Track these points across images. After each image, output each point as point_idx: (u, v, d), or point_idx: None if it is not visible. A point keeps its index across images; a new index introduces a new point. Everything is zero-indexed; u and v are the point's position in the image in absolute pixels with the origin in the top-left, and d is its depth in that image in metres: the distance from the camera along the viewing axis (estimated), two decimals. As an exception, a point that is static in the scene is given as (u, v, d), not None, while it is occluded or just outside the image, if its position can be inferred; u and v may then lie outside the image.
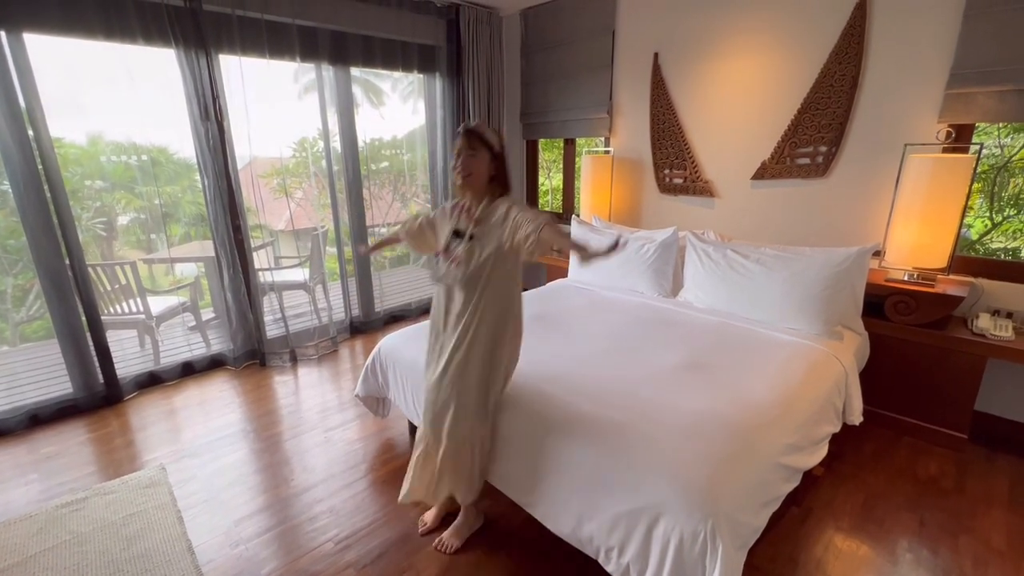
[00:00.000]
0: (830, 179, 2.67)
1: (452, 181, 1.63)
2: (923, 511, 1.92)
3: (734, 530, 1.27)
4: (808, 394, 1.80)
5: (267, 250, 4.00)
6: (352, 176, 3.64)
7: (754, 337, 2.21)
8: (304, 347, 3.46)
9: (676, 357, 2.00)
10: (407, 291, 4.51)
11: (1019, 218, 3.01)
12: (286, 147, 4.06)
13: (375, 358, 2.33)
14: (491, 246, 1.54)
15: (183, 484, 2.12)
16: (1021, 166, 3.05)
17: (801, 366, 1.94)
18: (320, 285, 3.97)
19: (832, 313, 2.21)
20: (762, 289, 2.36)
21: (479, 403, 1.63)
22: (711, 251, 2.59)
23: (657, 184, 3.40)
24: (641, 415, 1.56)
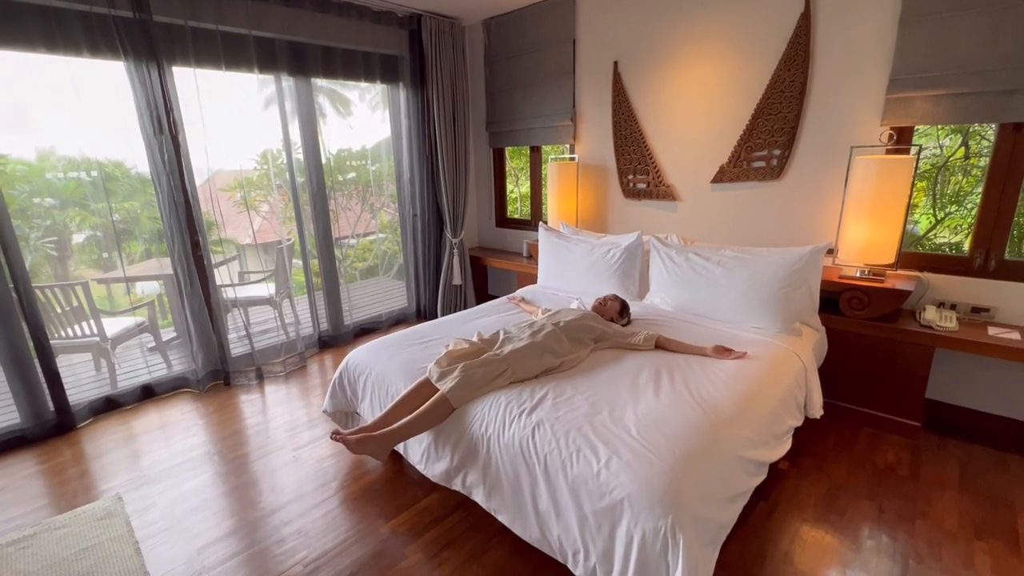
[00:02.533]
0: (784, 181, 2.77)
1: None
2: (882, 498, 1.99)
3: (698, 525, 1.29)
4: (768, 390, 1.86)
5: (229, 266, 3.90)
6: (316, 187, 3.58)
7: (717, 337, 2.26)
8: (271, 364, 3.37)
9: (641, 360, 2.03)
10: (377, 303, 4.45)
11: (959, 214, 3.18)
12: (248, 159, 3.97)
13: (342, 372, 2.29)
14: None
15: (141, 513, 2.03)
16: (959, 165, 3.22)
17: (761, 363, 2.00)
18: (287, 300, 3.89)
19: (790, 311, 2.29)
20: (723, 290, 2.42)
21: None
22: (674, 254, 2.65)
23: (622, 189, 3.46)
24: (603, 418, 1.58)
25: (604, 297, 2.49)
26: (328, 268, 3.77)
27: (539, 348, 1.99)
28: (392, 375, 2.06)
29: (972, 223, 3.17)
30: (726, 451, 1.49)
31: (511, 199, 5.04)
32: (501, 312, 2.78)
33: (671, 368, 1.95)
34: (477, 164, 4.47)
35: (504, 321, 2.58)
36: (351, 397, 2.26)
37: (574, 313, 2.27)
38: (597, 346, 2.20)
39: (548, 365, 1.96)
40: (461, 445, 1.72)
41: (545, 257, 3.28)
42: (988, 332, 2.20)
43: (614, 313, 2.42)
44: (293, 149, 3.47)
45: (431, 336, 2.38)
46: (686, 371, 1.92)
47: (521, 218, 4.43)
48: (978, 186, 3.10)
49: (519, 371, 1.90)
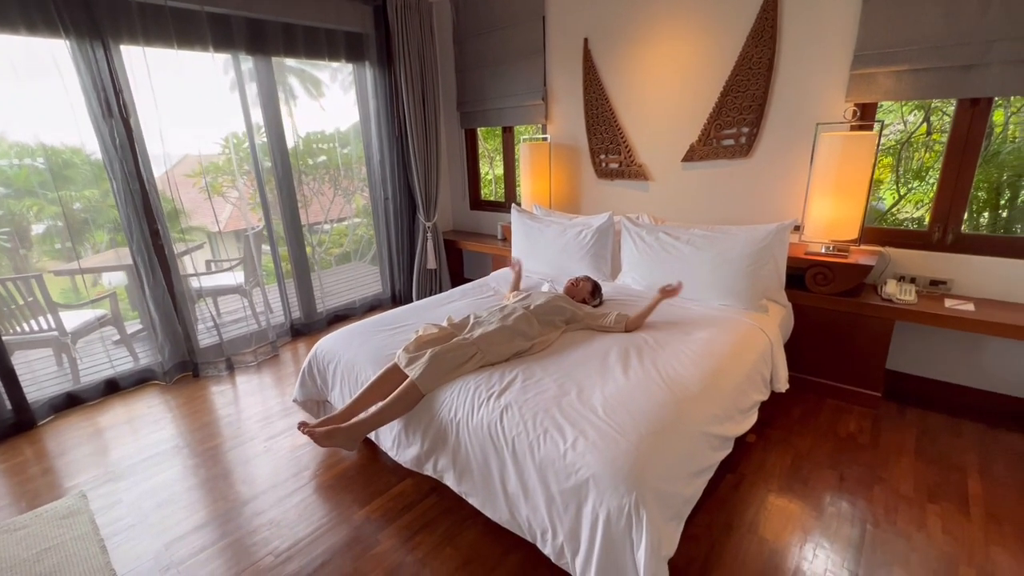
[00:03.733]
0: (753, 159, 2.78)
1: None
2: (843, 467, 2.06)
3: (662, 501, 1.32)
4: (734, 366, 1.89)
5: (194, 255, 3.78)
6: (282, 172, 3.48)
7: (686, 316, 2.29)
8: (241, 354, 3.31)
9: (611, 341, 2.04)
10: (350, 290, 4.38)
11: (920, 189, 3.26)
12: (212, 144, 3.82)
13: (312, 361, 2.26)
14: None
15: (107, 510, 1.98)
16: (922, 141, 3.29)
17: (728, 340, 2.03)
18: (257, 288, 3.80)
19: (757, 288, 2.32)
20: (693, 268, 2.44)
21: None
22: (644, 234, 2.66)
23: (594, 169, 3.44)
24: (571, 399, 1.59)
25: (576, 278, 2.49)
26: (298, 255, 3.69)
27: (509, 331, 1.99)
28: (362, 362, 2.04)
29: (929, 198, 3.26)
30: (691, 428, 1.51)
31: (485, 181, 4.98)
32: (474, 296, 2.76)
33: (640, 348, 1.97)
34: (449, 145, 4.39)
35: (476, 305, 2.56)
36: (321, 385, 2.23)
37: (545, 295, 2.26)
38: (568, 328, 2.20)
39: (519, 348, 1.96)
40: (431, 431, 1.72)
41: (518, 239, 3.26)
42: (945, 304, 2.27)
43: (586, 294, 2.42)
44: (257, 132, 3.35)
45: (402, 322, 2.35)
46: (655, 351, 1.94)
47: (496, 200, 4.38)
48: (939, 161, 3.17)
49: (489, 355, 1.89)
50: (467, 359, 1.85)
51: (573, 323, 2.22)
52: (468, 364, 1.84)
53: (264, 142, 3.38)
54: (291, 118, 3.52)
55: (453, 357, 1.83)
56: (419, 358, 1.81)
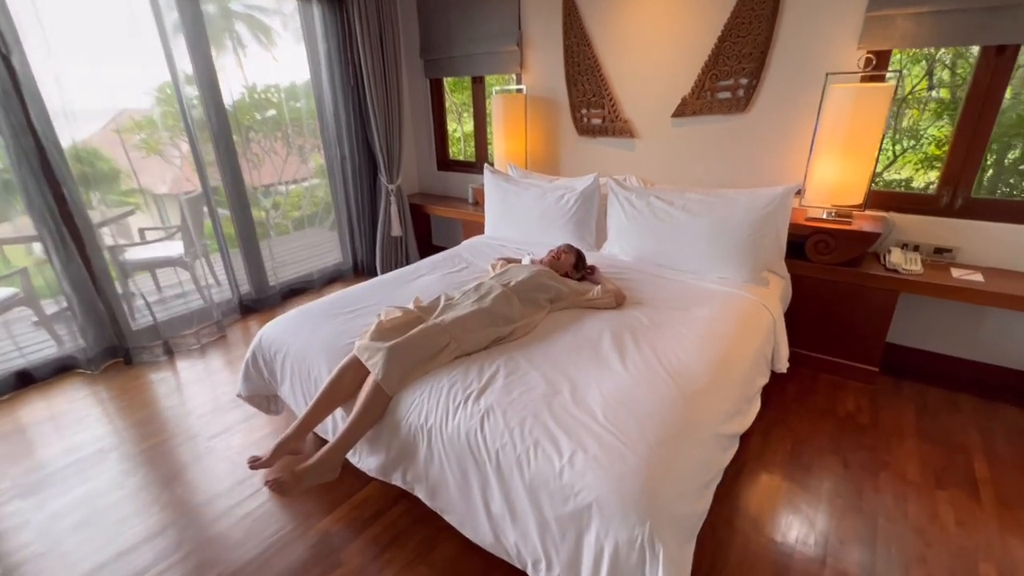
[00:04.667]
0: (751, 114, 2.52)
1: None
2: (845, 452, 1.93)
3: (677, 524, 1.11)
4: (742, 350, 1.69)
5: (121, 224, 3.30)
6: (218, 128, 3.01)
7: (683, 291, 2.07)
8: (181, 336, 2.93)
9: (601, 321, 1.80)
10: (306, 260, 3.98)
11: (913, 151, 3.10)
12: (142, 94, 3.27)
13: (256, 351, 1.94)
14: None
15: (9, 536, 1.66)
16: (922, 97, 3.09)
17: (732, 320, 1.82)
18: (203, 259, 3.37)
19: (758, 258, 2.11)
20: (688, 237, 2.21)
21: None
22: (634, 199, 2.39)
23: (575, 125, 3.12)
24: (564, 400, 1.35)
25: (557, 249, 2.22)
26: (243, 221, 3.27)
27: (487, 315, 1.72)
28: (314, 355, 1.74)
29: (921, 159, 3.10)
30: (704, 430, 1.30)
31: (454, 139, 4.58)
32: (444, 269, 2.46)
33: (635, 330, 1.74)
34: (413, 98, 3.95)
35: (449, 280, 2.27)
36: (269, 379, 1.92)
37: (525, 271, 1.99)
38: (553, 307, 1.95)
39: (498, 334, 1.70)
40: (397, 438, 1.46)
41: (492, 204, 2.94)
42: (952, 274, 2.12)
43: (569, 267, 2.16)
44: (189, 83, 2.85)
45: (361, 303, 2.04)
46: (653, 333, 1.72)
47: (466, 160, 4.01)
48: (938, 120, 2.99)
49: (464, 343, 1.62)
50: (439, 350, 1.58)
51: (558, 301, 1.96)
52: (441, 356, 1.57)
53: (197, 94, 2.89)
54: (241, 69, 3.12)
55: (422, 348, 1.55)
56: (382, 351, 1.53)
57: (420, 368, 1.54)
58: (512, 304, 1.80)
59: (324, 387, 1.59)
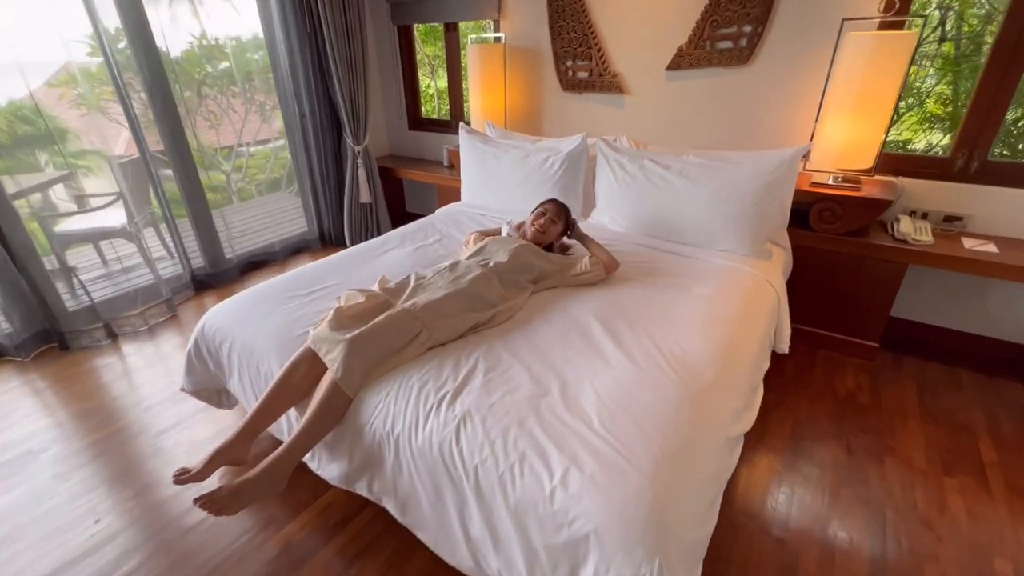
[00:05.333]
0: (754, 66, 2.28)
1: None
2: (848, 435, 1.81)
3: (687, 553, 0.96)
4: (748, 334, 1.52)
5: (55, 190, 2.93)
6: (152, 81, 2.63)
7: (680, 266, 1.88)
8: (125, 317, 2.65)
9: (591, 304, 1.60)
10: (266, 228, 3.65)
11: (915, 110, 2.91)
12: (75, 45, 2.82)
13: (199, 340, 1.69)
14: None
15: (-87, 561, 1.44)
16: (930, 50, 2.88)
17: (735, 299, 1.65)
18: (150, 229, 3.03)
19: (762, 228, 1.93)
20: (686, 205, 2.00)
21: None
22: (626, 162, 2.16)
23: (559, 79, 2.83)
24: (553, 401, 1.16)
25: (541, 207, 1.95)
26: (189, 188, 2.93)
27: (464, 297, 1.50)
28: (263, 347, 1.50)
29: (921, 118, 2.92)
30: (713, 435, 1.14)
31: (427, 95, 4.21)
32: (416, 241, 2.21)
33: (629, 313, 1.55)
34: (379, 48, 3.57)
35: (420, 256, 2.03)
36: (216, 371, 1.69)
37: (505, 248, 1.76)
38: (537, 287, 1.74)
39: (476, 320, 1.49)
40: (360, 445, 1.26)
41: (469, 168, 2.67)
42: (964, 245, 1.98)
43: (555, 237, 1.93)
44: (122, 33, 2.45)
45: (320, 283, 1.80)
46: (648, 316, 1.53)
47: (440, 119, 3.68)
48: (944, 77, 2.79)
49: (438, 332, 1.41)
50: (408, 340, 1.37)
51: (544, 280, 1.76)
52: (411, 347, 1.36)
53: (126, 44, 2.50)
54: (197, 19, 2.80)
55: (388, 339, 1.34)
56: (341, 343, 1.31)
57: (386, 363, 1.33)
58: (492, 286, 1.59)
59: (272, 385, 1.37)
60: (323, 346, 1.34)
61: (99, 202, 3.10)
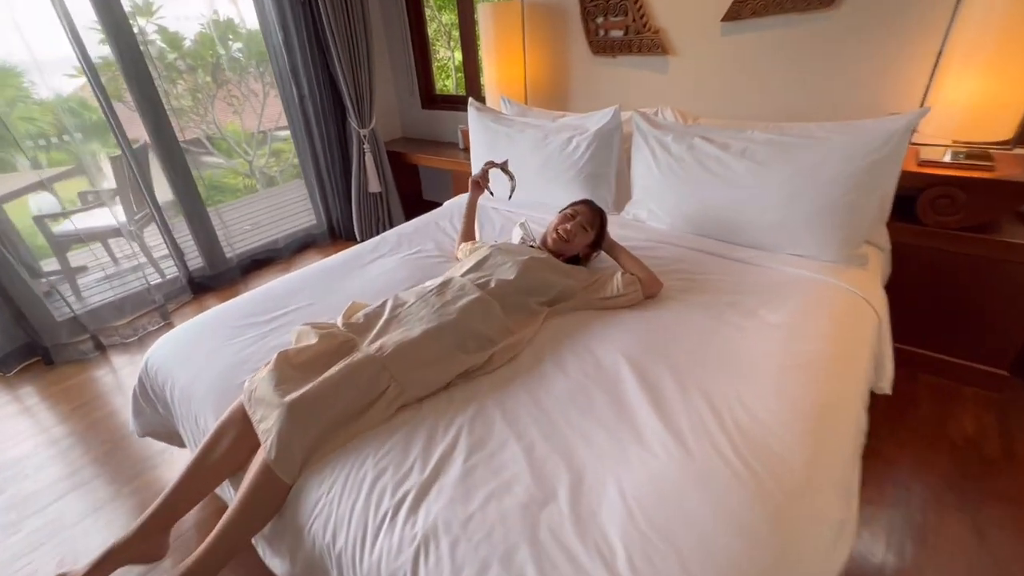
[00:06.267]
0: (842, 8, 1.75)
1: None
2: (975, 506, 1.35)
3: None
4: (847, 387, 1.08)
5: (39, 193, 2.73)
6: (129, 63, 2.35)
7: (743, 279, 1.43)
8: (113, 327, 2.44)
9: (621, 340, 1.20)
10: (269, 224, 3.37)
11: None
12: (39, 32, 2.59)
13: (143, 379, 1.40)
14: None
15: None
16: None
17: (824, 330, 1.20)
18: (153, 225, 2.80)
19: (858, 226, 1.44)
20: (751, 197, 1.53)
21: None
22: (670, 141, 1.70)
23: (588, 41, 2.36)
24: (557, 514, 0.78)
25: (571, 208, 1.54)
26: (180, 182, 2.67)
27: (451, 335, 1.13)
28: (201, 395, 1.19)
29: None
30: (808, 568, 0.73)
31: (442, 68, 3.80)
32: (415, 245, 1.85)
33: (672, 353, 1.13)
34: (386, 17, 3.18)
35: (414, 267, 1.66)
36: (165, 414, 1.40)
37: (516, 257, 1.37)
38: (553, 310, 1.35)
39: (466, 366, 1.12)
40: (301, 550, 0.93)
41: (479, 151, 2.27)
42: None
43: (583, 246, 1.53)
44: None
45: (285, 305, 1.47)
46: (699, 358, 1.11)
47: (457, 95, 3.28)
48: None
49: (412, 386, 1.05)
50: (371, 400, 1.02)
51: (562, 302, 1.36)
52: (374, 410, 1.01)
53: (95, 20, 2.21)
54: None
55: (342, 402, 0.99)
56: (279, 408, 0.97)
57: (339, 433, 0.98)
58: (491, 315, 1.21)
59: (193, 457, 1.06)
60: (258, 409, 1.01)
61: (85, 203, 2.89)
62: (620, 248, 1.48)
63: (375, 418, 1.01)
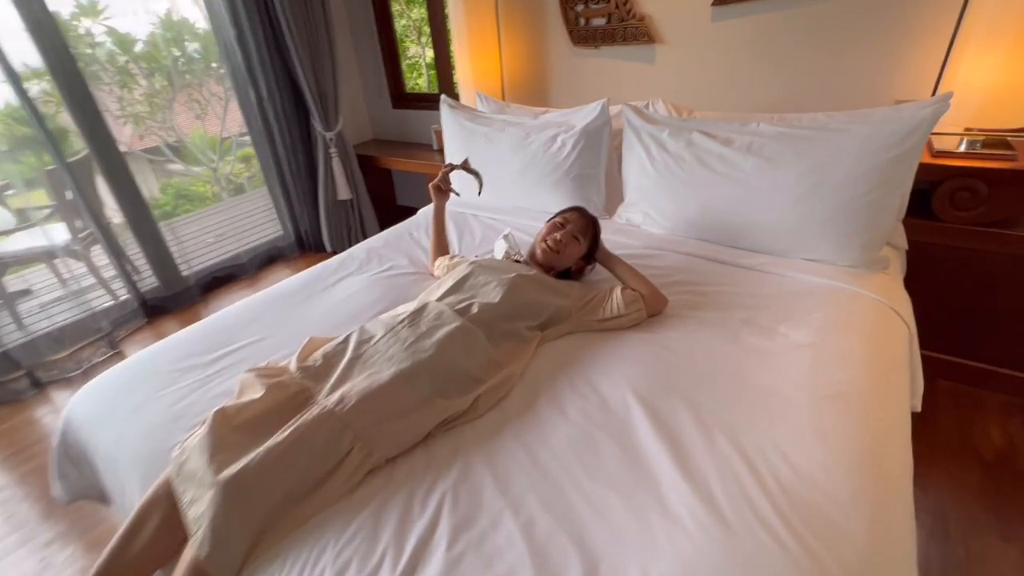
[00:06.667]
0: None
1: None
2: (1017, 534, 1.22)
3: None
4: (893, 422, 0.93)
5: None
6: (58, 66, 2.10)
7: (756, 289, 1.28)
8: (52, 361, 2.19)
9: (627, 368, 1.03)
10: (233, 236, 3.13)
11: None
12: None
13: (64, 436, 1.18)
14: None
15: None
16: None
17: (858, 349, 1.05)
18: (99, 246, 2.53)
19: (880, 227, 1.30)
20: (761, 197, 1.38)
21: None
22: (666, 137, 1.53)
23: (568, 31, 2.18)
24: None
25: (560, 216, 1.38)
26: (125, 195, 2.42)
27: (426, 376, 0.95)
28: (127, 462, 0.99)
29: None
30: None
31: (413, 67, 3.59)
32: (386, 262, 1.65)
33: (686, 384, 0.97)
34: (350, 12, 2.96)
35: (385, 288, 1.46)
36: (91, 477, 1.18)
37: (499, 276, 1.19)
38: (547, 335, 1.17)
39: (447, 413, 0.94)
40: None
41: (455, 152, 2.08)
42: None
43: (574, 258, 1.36)
44: None
45: (233, 340, 1.26)
46: (719, 391, 0.95)
47: (430, 93, 3.07)
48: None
49: (380, 445, 0.87)
50: (329, 469, 0.83)
51: (555, 326, 1.19)
52: (333, 480, 0.82)
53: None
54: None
55: (293, 472, 0.80)
56: (211, 490, 0.77)
57: (290, 516, 0.79)
58: (475, 347, 1.02)
59: (110, 546, 0.85)
60: (188, 488, 0.81)
61: (23, 221, 2.60)
62: (617, 259, 1.31)
63: (336, 490, 0.82)
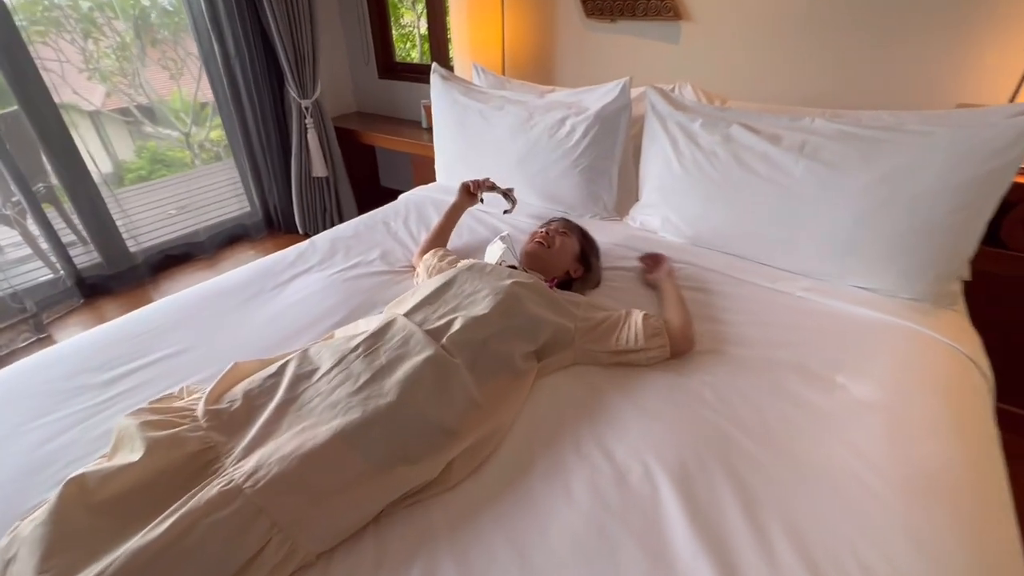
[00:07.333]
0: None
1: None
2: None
3: None
4: (999, 519, 0.70)
5: None
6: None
7: (799, 324, 1.04)
8: (-39, 346, 1.88)
9: (647, 434, 0.78)
10: (191, 211, 2.79)
11: None
12: None
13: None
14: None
15: None
16: None
17: (940, 418, 0.82)
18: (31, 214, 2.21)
19: (959, 255, 1.07)
20: (814, 210, 1.13)
21: None
22: (698, 129, 1.28)
23: (581, 2, 1.90)
24: None
25: (547, 228, 1.17)
26: (60, 158, 2.10)
27: (380, 437, 0.69)
28: None
29: None
30: None
31: (407, 36, 3.27)
32: (353, 256, 1.38)
33: (726, 459, 0.74)
34: None
35: (349, 291, 1.20)
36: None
37: (495, 283, 0.94)
38: (544, 367, 0.93)
39: (408, 486, 0.69)
40: None
41: (445, 134, 1.80)
42: None
43: (571, 263, 1.12)
44: None
45: (146, 350, 0.98)
46: (773, 467, 0.72)
47: (421, 63, 2.77)
48: None
49: (309, 538, 0.61)
50: (235, 570, 0.57)
51: (553, 353, 0.94)
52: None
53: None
54: None
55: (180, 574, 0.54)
56: None
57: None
58: (452, 388, 0.77)
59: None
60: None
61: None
62: (671, 282, 1.10)
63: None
